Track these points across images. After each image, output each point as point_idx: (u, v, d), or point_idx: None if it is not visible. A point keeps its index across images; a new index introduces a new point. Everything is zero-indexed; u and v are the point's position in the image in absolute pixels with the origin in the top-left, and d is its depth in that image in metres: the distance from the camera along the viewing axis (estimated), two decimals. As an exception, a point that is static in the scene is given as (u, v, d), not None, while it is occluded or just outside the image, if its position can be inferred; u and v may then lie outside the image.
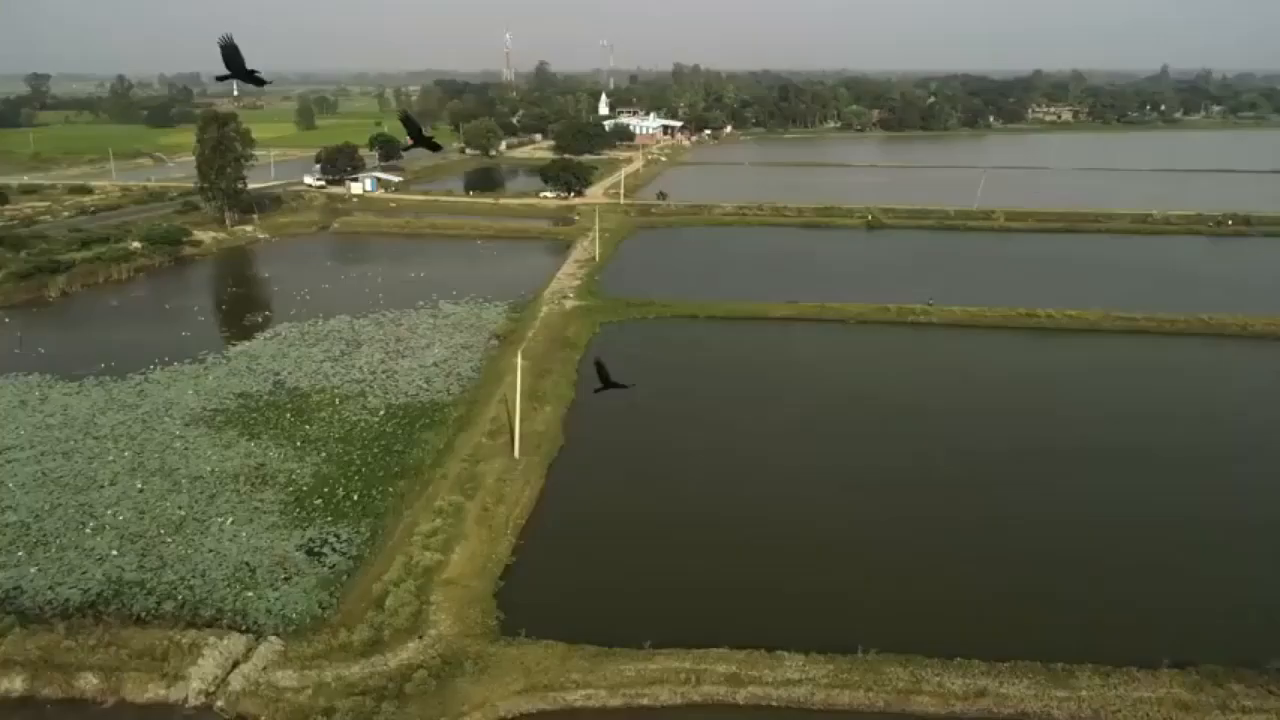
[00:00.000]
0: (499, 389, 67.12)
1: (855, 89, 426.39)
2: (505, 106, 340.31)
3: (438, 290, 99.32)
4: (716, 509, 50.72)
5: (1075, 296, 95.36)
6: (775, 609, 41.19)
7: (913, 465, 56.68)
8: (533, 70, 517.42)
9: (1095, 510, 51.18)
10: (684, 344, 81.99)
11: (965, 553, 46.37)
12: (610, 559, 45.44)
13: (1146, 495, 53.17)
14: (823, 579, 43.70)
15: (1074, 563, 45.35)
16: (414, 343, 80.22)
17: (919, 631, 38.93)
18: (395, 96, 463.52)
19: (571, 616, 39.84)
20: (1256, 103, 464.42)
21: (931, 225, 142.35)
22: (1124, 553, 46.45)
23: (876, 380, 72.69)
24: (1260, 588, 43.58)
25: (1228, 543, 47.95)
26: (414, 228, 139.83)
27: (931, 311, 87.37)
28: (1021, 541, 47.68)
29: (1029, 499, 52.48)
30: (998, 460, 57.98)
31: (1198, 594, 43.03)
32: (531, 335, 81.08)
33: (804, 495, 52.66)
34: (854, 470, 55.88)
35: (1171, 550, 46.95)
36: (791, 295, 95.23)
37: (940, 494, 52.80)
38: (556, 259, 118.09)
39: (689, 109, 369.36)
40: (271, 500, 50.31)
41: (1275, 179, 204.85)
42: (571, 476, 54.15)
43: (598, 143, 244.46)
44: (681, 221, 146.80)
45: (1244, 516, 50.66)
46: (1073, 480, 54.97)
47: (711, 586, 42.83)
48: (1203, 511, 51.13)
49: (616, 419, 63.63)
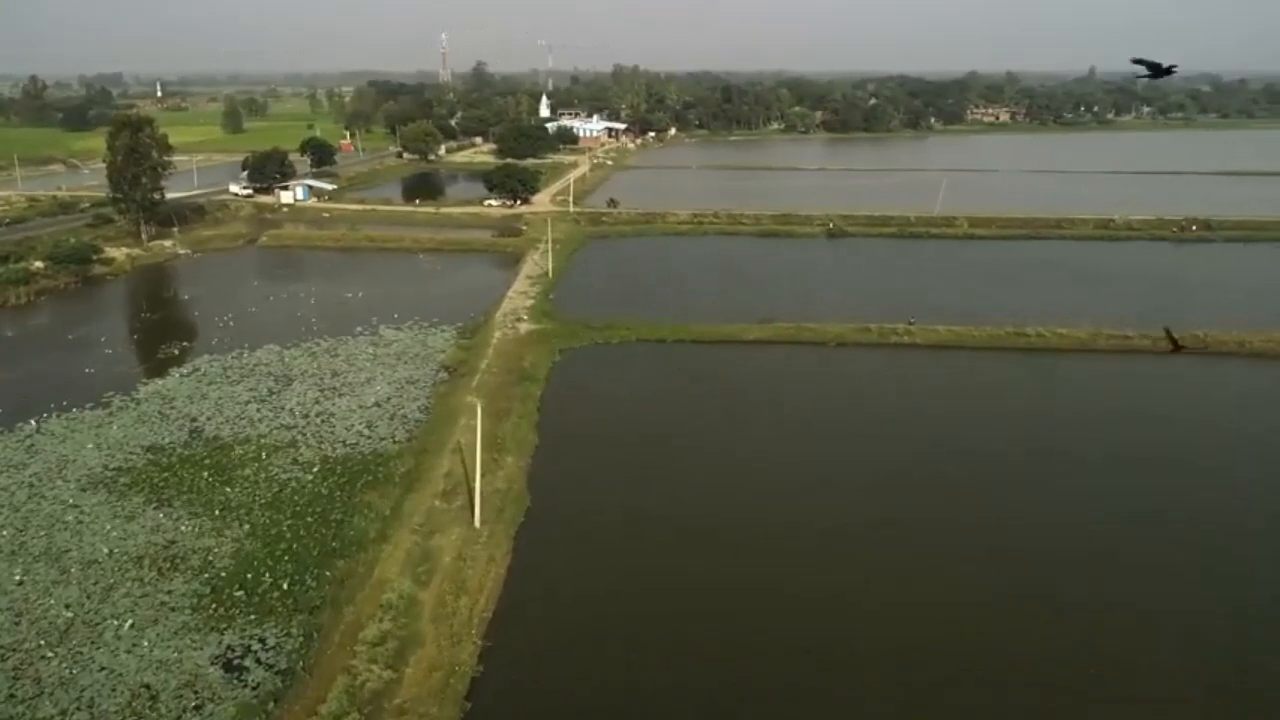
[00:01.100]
0: (451, 434, 59.21)
1: (797, 90, 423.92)
2: (443, 108, 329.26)
3: (378, 312, 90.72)
4: (714, 584, 43.59)
5: (1057, 308, 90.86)
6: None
7: (940, 529, 50.27)
8: (470, 71, 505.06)
9: (1124, 592, 45.45)
10: (653, 374, 74.77)
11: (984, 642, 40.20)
12: (597, 663, 37.90)
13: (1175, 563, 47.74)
14: (851, 685, 37.02)
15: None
16: (352, 377, 71.70)
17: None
18: (328, 98, 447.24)
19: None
20: (1184, 104, 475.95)
21: (894, 233, 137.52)
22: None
23: (871, 416, 66.14)
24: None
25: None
26: (350, 240, 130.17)
27: (914, 332, 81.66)
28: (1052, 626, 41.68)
29: (1067, 580, 46.53)
30: (1025, 515, 52.08)
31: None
32: (485, 366, 73.13)
33: (829, 573, 45.15)
34: (879, 541, 48.62)
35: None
36: (761, 312, 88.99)
37: (975, 570, 46.56)
38: (506, 274, 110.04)
39: (631, 110, 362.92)
40: (182, 592, 41.83)
41: (1221, 180, 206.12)
42: (543, 550, 46.38)
43: (541, 146, 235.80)
44: (635, 231, 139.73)
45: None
46: (1093, 536, 49.31)
47: (723, 692, 35.84)
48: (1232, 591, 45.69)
49: (587, 469, 56.39)
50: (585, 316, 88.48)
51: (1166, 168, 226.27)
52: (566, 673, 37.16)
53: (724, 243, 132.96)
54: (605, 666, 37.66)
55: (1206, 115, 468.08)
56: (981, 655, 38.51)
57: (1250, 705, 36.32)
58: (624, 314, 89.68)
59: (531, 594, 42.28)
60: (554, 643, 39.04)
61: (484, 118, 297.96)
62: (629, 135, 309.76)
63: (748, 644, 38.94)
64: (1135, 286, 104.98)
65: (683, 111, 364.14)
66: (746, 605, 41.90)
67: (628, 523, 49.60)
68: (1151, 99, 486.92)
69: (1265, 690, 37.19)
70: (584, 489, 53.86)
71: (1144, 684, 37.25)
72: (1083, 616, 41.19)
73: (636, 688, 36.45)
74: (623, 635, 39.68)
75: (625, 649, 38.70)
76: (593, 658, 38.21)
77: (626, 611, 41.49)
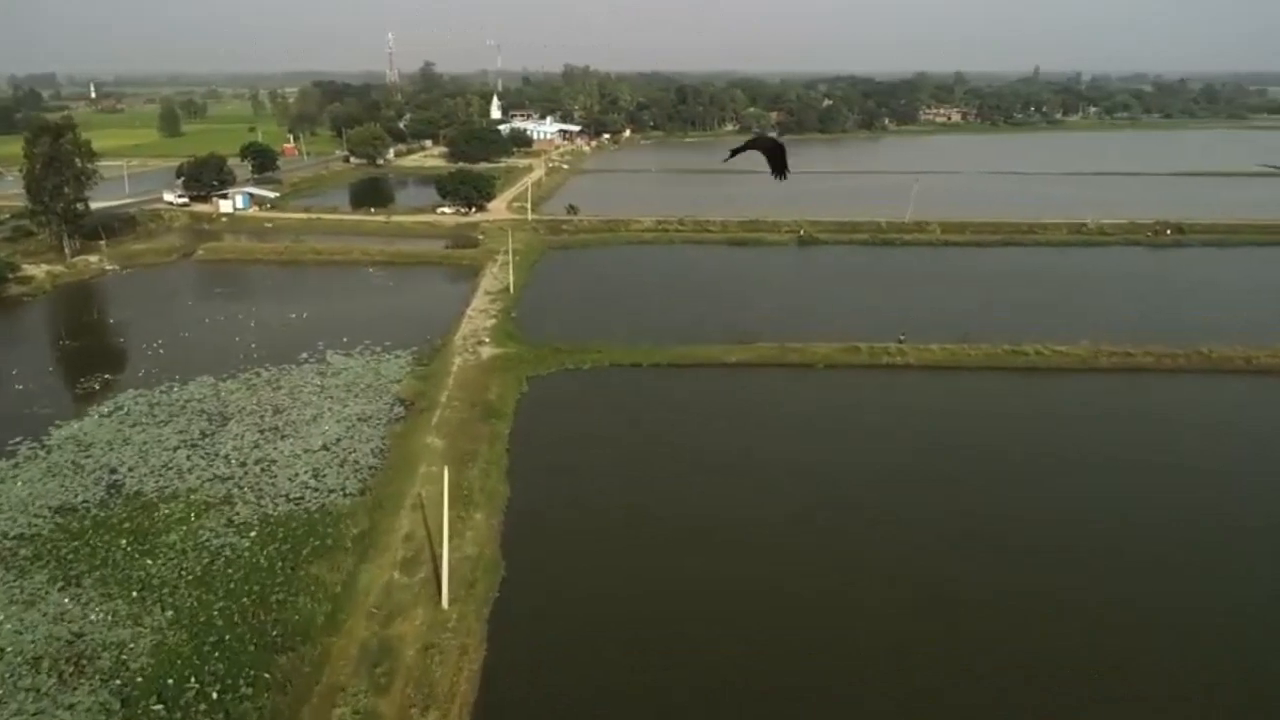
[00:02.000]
0: (411, 484, 52.38)
1: (751, 91, 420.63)
2: (391, 110, 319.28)
3: (325, 336, 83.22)
4: (721, 677, 37.52)
5: (1050, 322, 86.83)
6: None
7: (967, 592, 44.89)
8: (417, 71, 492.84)
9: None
10: (631, 405, 68.25)
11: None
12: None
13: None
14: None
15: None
16: (297, 414, 64.30)
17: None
18: (271, 99, 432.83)
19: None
20: (1129, 104, 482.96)
21: (866, 240, 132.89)
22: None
23: (873, 451, 60.60)
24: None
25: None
26: (294, 253, 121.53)
27: (907, 351, 76.48)
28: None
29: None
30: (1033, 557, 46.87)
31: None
32: (445, 399, 66.20)
33: (832, 651, 39.86)
34: (906, 606, 43.24)
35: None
36: (740, 330, 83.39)
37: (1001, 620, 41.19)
38: (464, 289, 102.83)
39: (585, 112, 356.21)
40: (87, 705, 34.62)
41: (1179, 181, 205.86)
42: (523, 633, 39.77)
43: (494, 149, 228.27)
44: (598, 240, 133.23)
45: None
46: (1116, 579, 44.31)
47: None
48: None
49: (568, 526, 49.88)
50: (552, 337, 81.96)
51: (1123, 169, 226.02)
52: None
53: (692, 252, 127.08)
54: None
55: (1150, 115, 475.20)
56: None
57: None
58: (594, 333, 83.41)
59: (513, 695, 35.71)
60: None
61: (434, 120, 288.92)
62: (584, 137, 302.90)
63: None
64: (1122, 296, 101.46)
65: (637, 112, 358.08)
66: (755, 706, 35.94)
67: (614, 596, 43.21)
68: (1097, 99, 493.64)
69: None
70: (565, 550, 47.33)
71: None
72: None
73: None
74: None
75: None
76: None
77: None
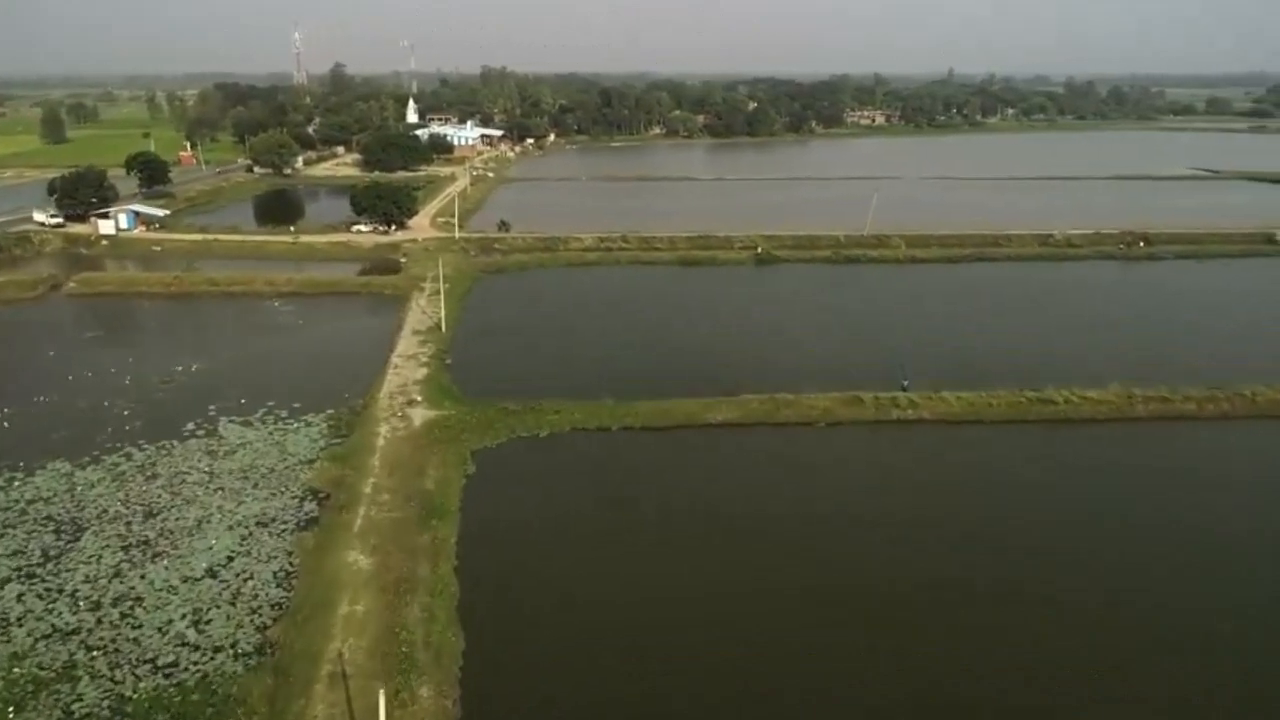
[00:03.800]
0: (328, 640, 38.64)
1: (675, 94, 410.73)
2: (299, 114, 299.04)
3: (218, 396, 68.43)
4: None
5: (1058, 355, 77.68)
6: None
7: None
8: (327, 73, 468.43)
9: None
10: (609, 491, 54.53)
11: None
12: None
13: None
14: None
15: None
16: (176, 518, 49.77)
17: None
18: (169, 102, 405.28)
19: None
20: (1045, 105, 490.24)
21: (828, 257, 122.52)
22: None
23: (913, 572, 49.19)
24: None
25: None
26: (185, 284, 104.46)
27: (918, 402, 65.42)
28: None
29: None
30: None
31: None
32: (370, 490, 52.46)
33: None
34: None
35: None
36: (716, 375, 71.63)
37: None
38: (387, 327, 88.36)
39: (506, 115, 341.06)
40: None
41: (1119, 186, 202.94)
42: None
43: (413, 157, 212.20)
44: (535, 261, 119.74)
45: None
46: None
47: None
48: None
49: (551, 695, 36.86)
50: (498, 391, 68.57)
51: (1061, 173, 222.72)
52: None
53: (641, 274, 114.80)
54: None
55: (1065, 117, 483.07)
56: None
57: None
58: (546, 383, 70.55)
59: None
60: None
61: (346, 124, 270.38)
62: (507, 142, 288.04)
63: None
64: (1124, 321, 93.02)
65: (560, 116, 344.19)
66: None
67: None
68: (1014, 102, 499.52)
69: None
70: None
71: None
72: None
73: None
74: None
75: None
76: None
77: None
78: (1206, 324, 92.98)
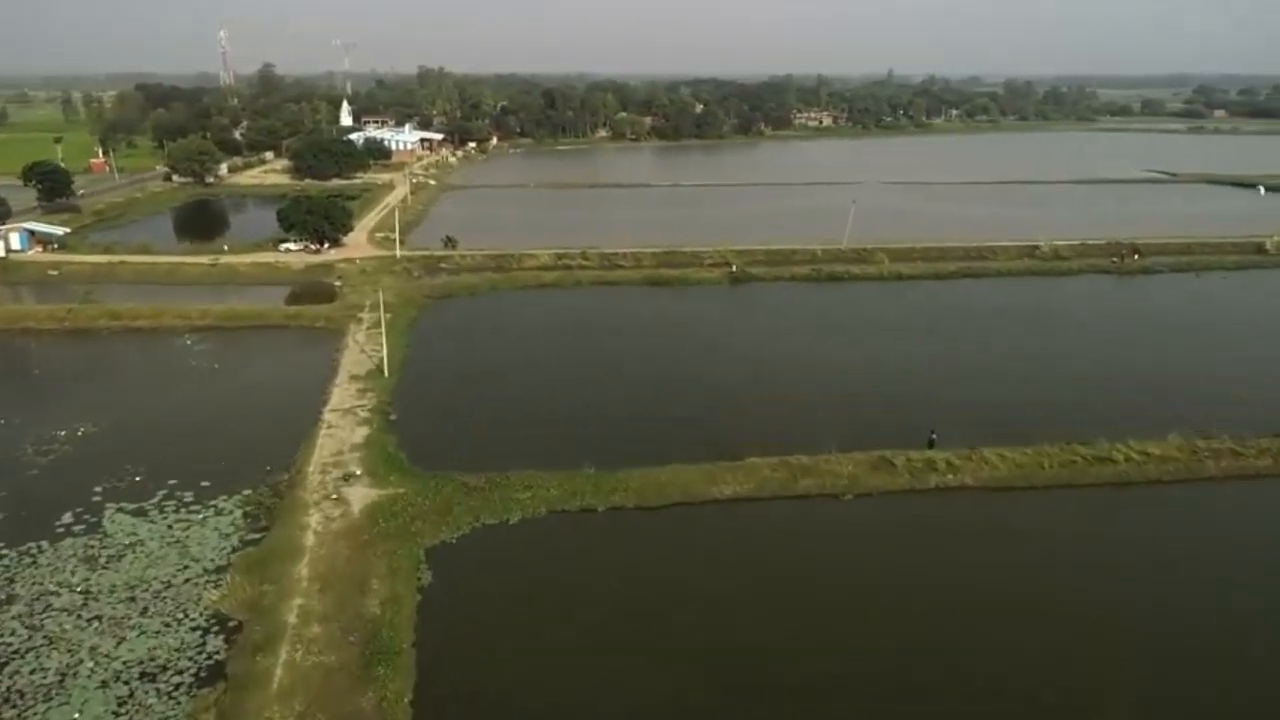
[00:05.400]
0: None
1: (620, 95, 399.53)
2: (225, 117, 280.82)
3: (107, 472, 55.49)
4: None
5: (1092, 394, 68.53)
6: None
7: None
8: (255, 74, 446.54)
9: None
10: (601, 612, 42.87)
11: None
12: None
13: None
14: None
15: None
16: (28, 675, 36.98)
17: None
18: (85, 104, 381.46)
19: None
20: (987, 106, 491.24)
21: (808, 274, 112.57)
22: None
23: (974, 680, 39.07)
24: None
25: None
26: (81, 318, 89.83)
27: (958, 466, 55.19)
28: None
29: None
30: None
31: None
32: (296, 619, 40.31)
33: None
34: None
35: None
36: (715, 434, 60.84)
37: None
38: (318, 369, 75.63)
39: (445, 117, 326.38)
40: None
41: (1082, 190, 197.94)
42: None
43: (347, 162, 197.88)
44: (487, 283, 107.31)
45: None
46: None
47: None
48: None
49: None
50: (454, 458, 56.75)
51: (1019, 177, 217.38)
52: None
53: (607, 297, 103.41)
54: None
55: (1007, 117, 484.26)
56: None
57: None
58: (512, 445, 59.00)
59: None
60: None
61: (274, 128, 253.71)
62: (447, 146, 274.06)
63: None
64: (1145, 346, 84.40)
65: (502, 118, 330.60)
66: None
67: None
68: (957, 103, 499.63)
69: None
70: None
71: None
72: None
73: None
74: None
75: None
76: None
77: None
78: (1242, 349, 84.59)
